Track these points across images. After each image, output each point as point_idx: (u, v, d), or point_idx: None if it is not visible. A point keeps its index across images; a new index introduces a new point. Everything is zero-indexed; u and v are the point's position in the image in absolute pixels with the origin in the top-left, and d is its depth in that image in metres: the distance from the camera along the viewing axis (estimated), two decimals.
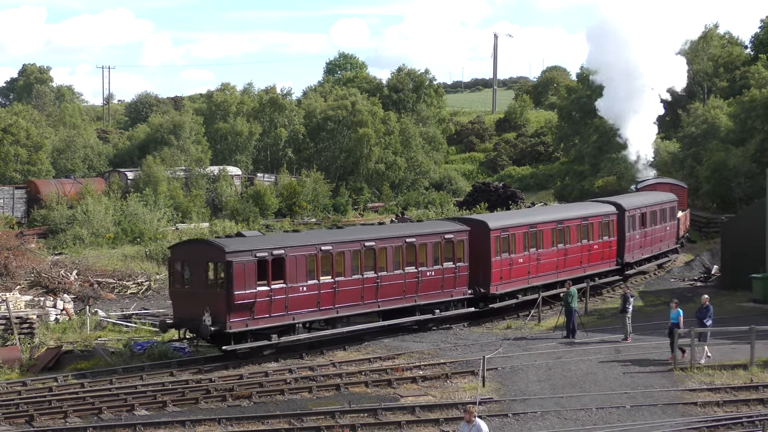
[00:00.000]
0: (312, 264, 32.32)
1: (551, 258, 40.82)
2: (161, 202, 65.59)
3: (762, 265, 40.98)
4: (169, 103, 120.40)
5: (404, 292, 35.02)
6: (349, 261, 33.32)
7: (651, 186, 58.01)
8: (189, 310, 31.01)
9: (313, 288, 32.33)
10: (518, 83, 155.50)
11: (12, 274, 43.23)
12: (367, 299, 33.96)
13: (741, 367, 29.02)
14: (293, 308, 31.85)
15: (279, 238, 34.62)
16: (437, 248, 35.96)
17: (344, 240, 33.79)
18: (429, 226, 38.66)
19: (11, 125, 74.02)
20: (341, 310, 33.40)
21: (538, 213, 46.00)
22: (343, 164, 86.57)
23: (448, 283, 36.30)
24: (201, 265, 31.36)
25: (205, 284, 31.20)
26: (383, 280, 34.31)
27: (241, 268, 30.29)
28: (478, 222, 38.41)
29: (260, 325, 31.11)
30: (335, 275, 32.96)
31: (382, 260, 34.23)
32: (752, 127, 65.49)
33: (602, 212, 44.42)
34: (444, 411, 25.19)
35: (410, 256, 35.23)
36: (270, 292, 31.14)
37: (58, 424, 24.25)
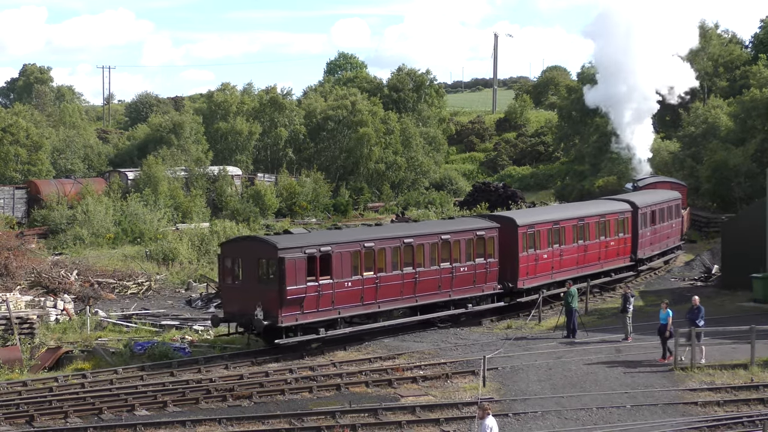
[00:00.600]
0: (356, 260, 33.36)
1: (572, 254, 41.97)
2: (161, 202, 65.60)
3: (762, 264, 40.97)
4: (170, 103, 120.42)
5: (440, 287, 36.08)
6: (390, 257, 34.38)
7: (652, 184, 58.19)
8: (240, 305, 31.92)
9: (357, 283, 33.35)
10: (518, 83, 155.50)
11: (12, 275, 43.25)
12: (406, 294, 35.03)
13: (741, 367, 29.01)
14: (339, 303, 32.85)
15: (325, 235, 35.58)
16: (470, 245, 37.05)
17: (385, 237, 34.81)
18: (462, 223, 39.56)
19: (11, 125, 74.02)
20: (383, 304, 34.42)
21: (560, 210, 46.79)
22: (343, 164, 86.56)
23: (479, 278, 37.41)
24: (252, 261, 32.31)
25: (257, 280, 32.16)
26: (421, 276, 35.33)
27: (293, 264, 31.21)
28: (507, 219, 39.47)
29: (309, 320, 32.08)
30: (377, 271, 33.95)
31: (419, 256, 35.35)
32: (752, 127, 65.48)
33: (618, 210, 45.38)
34: (444, 411, 25.18)
35: (445, 252, 36.20)
36: (318, 288, 32.10)
37: (58, 425, 24.25)
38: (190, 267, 50.46)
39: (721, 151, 64.66)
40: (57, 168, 78.24)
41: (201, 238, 54.54)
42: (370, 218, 75.34)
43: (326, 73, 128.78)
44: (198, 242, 54.18)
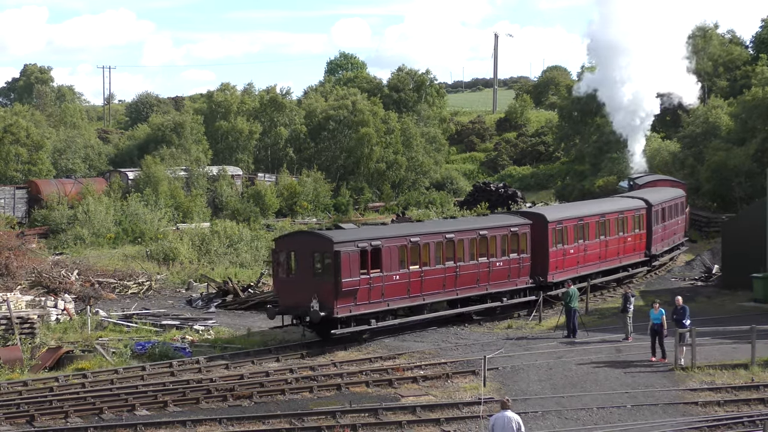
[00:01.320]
0: (403, 254, 34.59)
1: (595, 249, 43.24)
2: (162, 202, 65.62)
3: (762, 264, 40.97)
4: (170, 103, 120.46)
5: (478, 281, 37.38)
6: (433, 252, 35.69)
7: (651, 182, 58.43)
8: (295, 298, 32.89)
9: (404, 276, 34.56)
10: (519, 83, 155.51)
11: (13, 274, 43.24)
12: (447, 287, 36.26)
13: (742, 367, 29.00)
14: (388, 295, 34.09)
15: (374, 230, 37.19)
16: (505, 240, 38.39)
17: (429, 232, 36.26)
18: (497, 219, 40.67)
19: (12, 125, 74.04)
20: (427, 297, 35.62)
21: (584, 206, 47.70)
22: (343, 164, 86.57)
23: (513, 272, 38.75)
24: (308, 255, 33.35)
25: (312, 273, 33.17)
26: (461, 270, 36.57)
27: (347, 258, 32.43)
28: (537, 215, 40.65)
29: (361, 311, 33.30)
30: (422, 265, 35.18)
31: (460, 251, 36.57)
32: (753, 127, 65.47)
33: (634, 206, 46.76)
34: (445, 411, 25.17)
35: (482, 247, 37.52)
36: (369, 280, 33.32)
37: (58, 424, 24.25)
38: (191, 267, 50.46)
39: (722, 151, 64.65)
40: (57, 168, 78.29)
41: (201, 238, 54.55)
42: (370, 218, 75.36)
43: (327, 73, 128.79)
44: (198, 242, 54.19)
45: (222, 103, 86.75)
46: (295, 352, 32.55)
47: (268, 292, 43.03)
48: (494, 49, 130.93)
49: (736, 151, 64.10)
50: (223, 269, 49.94)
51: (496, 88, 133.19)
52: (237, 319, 39.51)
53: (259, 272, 47.38)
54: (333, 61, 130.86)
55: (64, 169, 78.60)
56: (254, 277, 46.68)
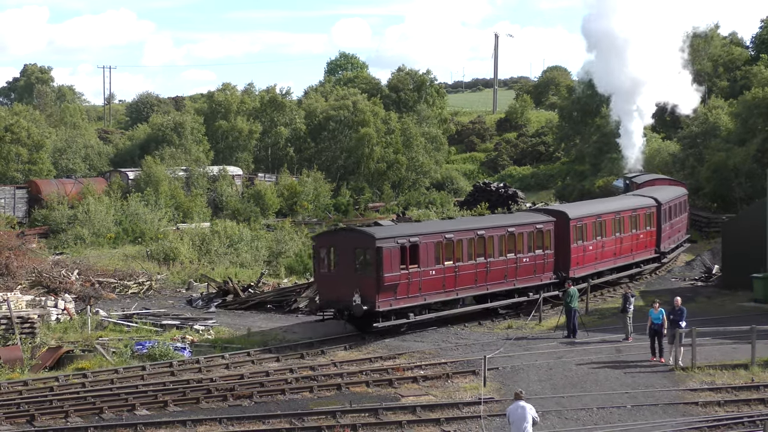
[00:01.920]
0: (438, 250, 35.71)
1: (611, 246, 44.39)
2: (162, 202, 65.62)
3: (763, 264, 40.96)
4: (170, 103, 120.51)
5: (506, 276, 38.49)
6: (466, 248, 36.76)
7: (650, 181, 58.94)
8: (336, 293, 34.14)
9: (439, 272, 35.72)
10: (519, 83, 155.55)
11: (13, 274, 43.24)
12: (479, 282, 37.42)
13: (742, 367, 29.00)
14: (425, 290, 35.20)
15: (411, 227, 38.13)
16: (531, 237, 39.47)
17: (462, 229, 37.46)
18: (524, 217, 41.80)
19: (12, 125, 74.04)
20: (460, 291, 36.87)
21: (600, 204, 48.42)
22: (344, 164, 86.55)
23: (538, 268, 39.83)
24: (349, 251, 34.46)
25: (354, 268, 34.28)
26: (491, 266, 37.74)
27: (389, 253, 33.57)
28: (560, 212, 41.69)
29: (401, 305, 34.48)
30: (455, 260, 36.26)
31: (490, 247, 37.73)
32: (753, 127, 65.46)
33: (646, 204, 47.79)
34: (445, 411, 25.18)
35: (510, 244, 38.63)
36: (408, 275, 34.36)
37: (59, 424, 24.26)
38: (191, 267, 50.45)
39: (722, 152, 64.65)
40: (58, 168, 78.32)
41: (202, 238, 54.55)
42: (371, 218, 75.35)
43: (327, 73, 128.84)
44: (199, 242, 54.19)
45: (222, 102, 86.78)
46: (296, 352, 32.56)
47: (268, 292, 43.08)
48: (494, 49, 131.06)
49: (737, 151, 64.08)
50: (223, 269, 49.94)
51: (497, 89, 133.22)
52: (237, 319, 39.51)
53: (260, 272, 47.37)
54: (333, 61, 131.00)
55: (64, 169, 78.60)
56: (254, 277, 46.68)
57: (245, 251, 53.27)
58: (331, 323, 37.18)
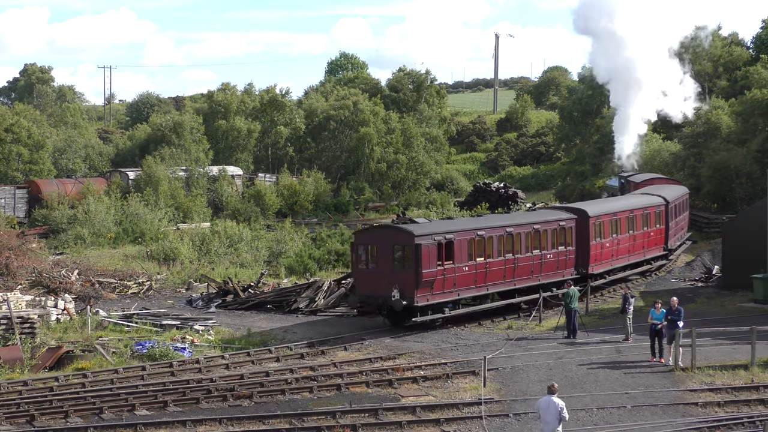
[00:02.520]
0: (471, 247, 36.95)
1: (626, 243, 45.65)
2: (162, 202, 65.61)
3: (763, 265, 40.93)
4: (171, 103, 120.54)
5: (532, 272, 39.74)
6: (496, 244, 38.06)
7: (649, 180, 59.47)
8: (374, 288, 35.47)
9: (472, 268, 36.95)
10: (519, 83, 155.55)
11: (13, 274, 43.24)
12: (507, 278, 38.61)
13: (742, 368, 29.00)
14: (459, 285, 36.49)
15: (446, 224, 39.24)
16: (554, 234, 40.75)
17: (492, 226, 38.59)
18: (548, 214, 42.81)
19: (13, 125, 74.03)
20: (490, 287, 38.12)
21: (616, 202, 49.61)
22: (344, 164, 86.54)
23: (561, 264, 41.07)
24: (388, 247, 35.62)
25: (392, 264, 35.42)
26: (519, 262, 38.98)
27: (427, 250, 34.75)
28: (580, 210, 42.99)
29: (437, 300, 35.68)
30: (486, 257, 37.59)
31: (517, 244, 38.95)
32: (753, 127, 65.43)
33: (655, 203, 48.93)
34: (445, 411, 25.18)
35: (536, 241, 39.83)
36: (444, 271, 35.57)
37: (59, 424, 24.26)
38: (191, 267, 50.46)
39: (722, 152, 64.63)
40: (58, 168, 78.29)
41: (202, 238, 54.56)
42: (371, 218, 75.36)
43: (327, 73, 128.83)
44: (199, 242, 54.21)
45: (222, 102, 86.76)
46: (295, 353, 32.55)
47: (268, 292, 43.07)
48: (495, 49, 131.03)
49: (737, 151, 64.07)
50: (223, 269, 49.95)
51: (497, 89, 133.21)
52: (237, 319, 39.52)
53: (260, 272, 47.37)
54: (333, 61, 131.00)
55: (64, 169, 78.58)
56: (254, 277, 46.68)
57: (245, 251, 53.28)
58: (329, 322, 37.20)
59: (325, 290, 41.34)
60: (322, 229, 58.72)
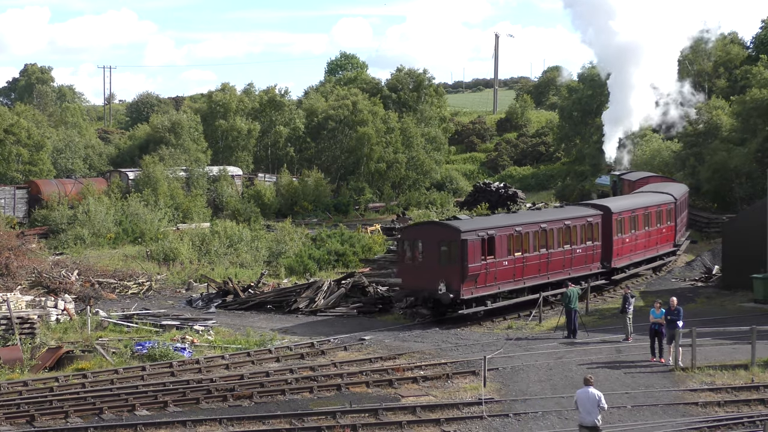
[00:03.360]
0: (510, 242, 38.48)
1: (642, 239, 47.12)
2: (162, 203, 65.58)
3: (763, 265, 40.93)
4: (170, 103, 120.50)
5: (563, 266, 41.15)
6: (532, 240, 39.53)
7: (645, 179, 60.40)
8: (420, 282, 36.90)
9: (511, 262, 38.57)
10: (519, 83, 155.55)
11: (13, 274, 43.24)
12: (541, 272, 40.14)
13: (742, 368, 28.98)
14: (499, 279, 38.09)
15: (487, 220, 40.83)
16: (583, 229, 42.29)
17: (528, 222, 40.08)
18: (576, 211, 44.15)
19: (13, 125, 74.00)
20: (527, 281, 39.59)
21: (633, 199, 50.50)
22: (344, 164, 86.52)
23: (588, 258, 42.69)
24: (434, 243, 37.06)
25: (438, 259, 36.78)
26: (552, 256, 40.45)
27: (472, 245, 36.25)
28: (604, 207, 44.54)
29: (480, 293, 37.27)
30: (523, 251, 39.12)
31: (550, 239, 40.44)
32: (753, 127, 65.38)
33: (666, 201, 50.53)
34: (445, 411, 25.17)
35: (566, 236, 41.33)
36: (486, 265, 37.12)
37: (59, 424, 24.25)
38: (191, 267, 50.45)
39: (722, 152, 64.61)
40: (58, 168, 78.23)
41: (201, 239, 54.55)
42: (371, 218, 75.34)
43: (327, 73, 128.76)
44: (199, 242, 54.19)
45: (221, 102, 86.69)
46: (295, 353, 32.54)
47: (268, 292, 43.06)
48: (495, 49, 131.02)
49: (737, 151, 64.04)
50: (223, 269, 49.94)
51: (497, 89, 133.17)
52: (237, 319, 39.52)
53: (260, 272, 47.37)
54: (333, 61, 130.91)
55: (64, 169, 78.54)
56: (254, 278, 46.68)
57: (245, 251, 53.27)
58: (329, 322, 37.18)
59: (325, 290, 41.34)
60: (322, 229, 58.72)
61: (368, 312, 40.27)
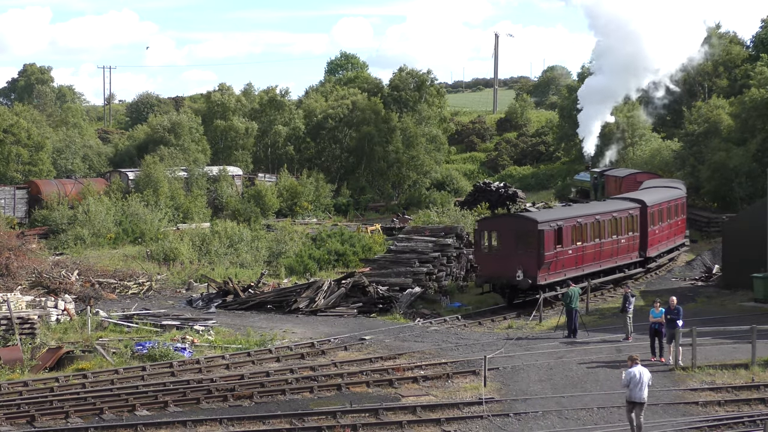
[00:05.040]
0: (573, 233, 41.36)
1: (665, 231, 50.11)
2: (162, 203, 65.57)
3: (763, 264, 40.92)
4: (170, 103, 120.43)
5: (611, 255, 44.39)
6: (589, 231, 42.47)
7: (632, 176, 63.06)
8: (497, 269, 39.92)
9: (574, 251, 41.50)
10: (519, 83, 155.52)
11: (13, 275, 43.23)
12: (596, 260, 43.15)
13: (742, 367, 28.99)
14: (566, 266, 41.03)
15: (556, 212, 45.04)
16: (626, 221, 45.29)
17: (587, 214, 43.28)
18: (621, 204, 47.09)
19: (12, 125, 73.99)
20: (585, 268, 42.43)
21: (658, 193, 52.50)
22: (344, 164, 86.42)
23: (630, 248, 45.75)
24: (511, 233, 40.29)
25: (515, 248, 39.73)
26: (603, 246, 43.48)
27: (547, 235, 39.42)
28: (640, 200, 47.47)
29: (551, 280, 40.11)
30: (582, 241, 42.04)
31: (603, 230, 43.39)
32: (753, 127, 65.38)
33: (680, 195, 53.60)
34: (445, 411, 25.16)
35: (614, 227, 44.32)
36: (557, 254, 40.13)
37: (59, 425, 24.25)
38: (191, 267, 50.44)
39: (722, 151, 64.59)
40: (57, 168, 78.20)
41: (202, 239, 54.54)
42: (371, 218, 75.31)
43: (327, 72, 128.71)
44: (199, 242, 54.19)
45: (219, 102, 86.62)
46: (296, 353, 32.54)
47: (268, 292, 43.06)
48: (495, 49, 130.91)
49: (737, 151, 64.02)
50: (223, 269, 49.94)
51: (497, 88, 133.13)
52: (237, 319, 39.51)
53: (260, 272, 47.36)
54: (333, 61, 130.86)
55: (64, 170, 78.52)
56: (254, 278, 46.67)
57: (245, 251, 53.27)
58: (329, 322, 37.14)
59: (325, 290, 41.32)
60: (323, 228, 58.70)
61: (368, 312, 40.27)
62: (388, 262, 45.19)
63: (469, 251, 47.35)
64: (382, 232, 60.41)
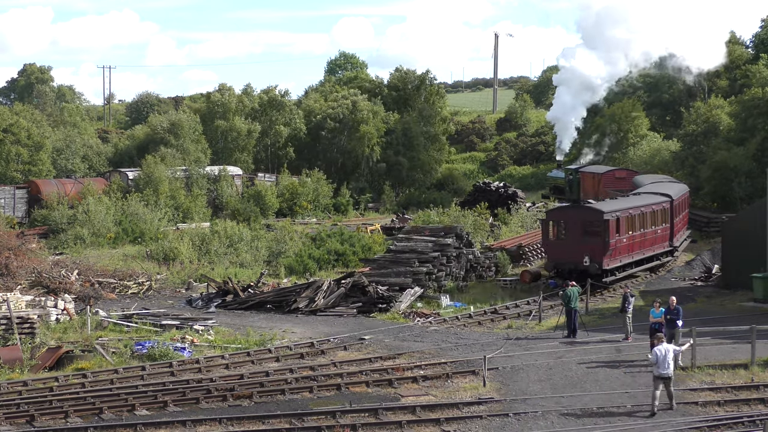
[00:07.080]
0: (627, 223, 44.87)
1: (680, 223, 53.81)
2: (162, 202, 65.55)
3: (763, 264, 40.93)
4: (170, 103, 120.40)
5: (652, 244, 48.38)
6: (638, 221, 46.08)
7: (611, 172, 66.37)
8: (565, 255, 43.47)
9: (628, 239, 45.13)
10: (519, 83, 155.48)
11: (13, 274, 43.22)
12: (642, 248, 47.05)
13: (742, 367, 28.99)
14: (622, 253, 44.74)
15: (614, 203, 47.31)
16: (661, 213, 49.07)
17: (636, 206, 46.88)
18: (655, 198, 50.35)
19: (12, 125, 73.97)
20: (634, 255, 46.36)
21: (674, 188, 55.47)
22: (344, 164, 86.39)
23: (663, 238, 49.83)
24: (578, 222, 43.90)
25: (582, 236, 43.34)
26: (646, 235, 47.28)
27: (612, 224, 42.93)
28: (667, 195, 51.15)
29: (612, 265, 43.88)
30: (634, 231, 45.70)
31: (646, 221, 47.08)
32: (753, 127, 65.42)
33: (684, 190, 56.99)
34: (445, 411, 25.16)
35: (654, 218, 48.02)
36: (617, 242, 43.63)
37: (58, 424, 24.24)
38: (191, 267, 50.43)
39: (722, 151, 64.61)
40: (57, 168, 78.18)
41: (201, 238, 54.53)
42: (371, 218, 75.31)
43: (327, 72, 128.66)
44: (199, 242, 54.18)
45: (219, 102, 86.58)
46: (295, 352, 32.54)
47: (268, 292, 43.06)
48: (494, 49, 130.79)
49: (737, 150, 64.04)
50: (223, 269, 49.93)
51: (497, 88, 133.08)
52: (237, 319, 39.52)
53: (259, 272, 47.36)
54: (333, 60, 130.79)
55: (63, 169, 78.51)
56: (254, 277, 46.67)
57: (245, 251, 53.26)
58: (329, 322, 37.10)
59: (324, 290, 41.32)
60: (323, 228, 58.69)
61: (368, 312, 40.27)
62: (388, 262, 45.20)
63: (469, 251, 47.42)
64: (382, 231, 60.39)
